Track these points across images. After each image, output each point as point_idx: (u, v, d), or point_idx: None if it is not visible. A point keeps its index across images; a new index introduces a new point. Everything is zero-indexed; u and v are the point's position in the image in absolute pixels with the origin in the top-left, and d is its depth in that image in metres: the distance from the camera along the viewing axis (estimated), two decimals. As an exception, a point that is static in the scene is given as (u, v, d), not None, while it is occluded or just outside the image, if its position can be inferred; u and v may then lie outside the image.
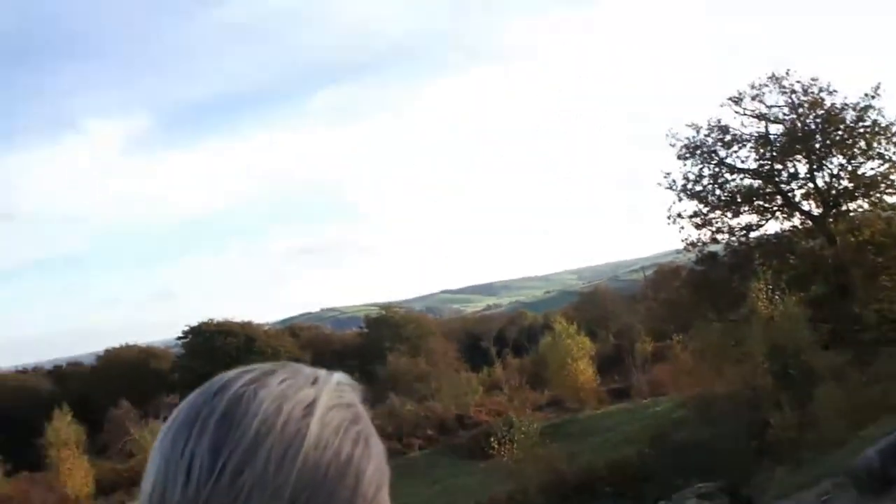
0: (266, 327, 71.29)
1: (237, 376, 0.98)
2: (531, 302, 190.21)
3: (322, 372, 1.03)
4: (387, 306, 75.88)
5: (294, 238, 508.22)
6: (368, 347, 61.10)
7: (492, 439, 25.34)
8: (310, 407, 0.95)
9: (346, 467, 0.94)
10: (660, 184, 33.16)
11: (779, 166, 32.54)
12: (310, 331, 76.51)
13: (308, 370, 1.03)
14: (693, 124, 32.86)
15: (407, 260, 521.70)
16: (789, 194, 32.58)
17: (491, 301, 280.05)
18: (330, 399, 0.98)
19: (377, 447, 1.02)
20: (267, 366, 1.02)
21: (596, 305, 58.63)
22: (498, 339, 61.58)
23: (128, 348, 67.83)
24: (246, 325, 65.60)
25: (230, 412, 0.93)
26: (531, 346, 51.59)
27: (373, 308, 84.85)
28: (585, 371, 37.99)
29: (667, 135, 33.12)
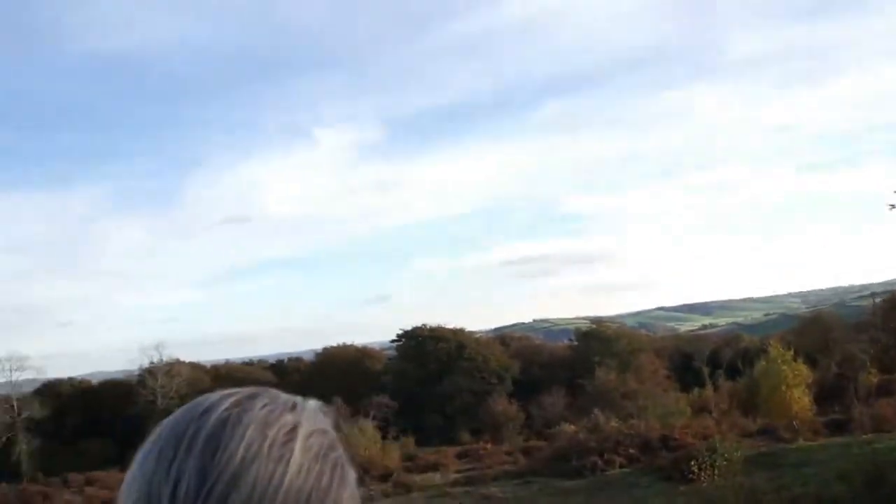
0: (477, 335, 72.50)
1: (221, 399, 1.01)
2: (749, 324, 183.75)
3: (298, 398, 1.07)
4: (599, 320, 75.44)
5: (512, 249, 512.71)
6: (577, 360, 60.87)
7: (692, 463, 24.62)
8: (292, 432, 0.99)
9: (327, 494, 0.98)
10: (893, 206, 31.03)
11: None
12: (520, 341, 77.11)
13: (285, 396, 1.07)
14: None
15: (623, 275, 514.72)
16: None
17: (707, 321, 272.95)
18: (310, 424, 1.02)
19: (351, 475, 1.05)
20: (248, 390, 1.05)
21: (818, 331, 55.38)
22: (711, 360, 59.63)
23: (344, 347, 70.99)
24: (458, 332, 66.99)
25: (216, 434, 0.96)
26: (746, 370, 49.64)
27: (585, 321, 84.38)
28: (800, 399, 36.19)
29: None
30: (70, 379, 66.65)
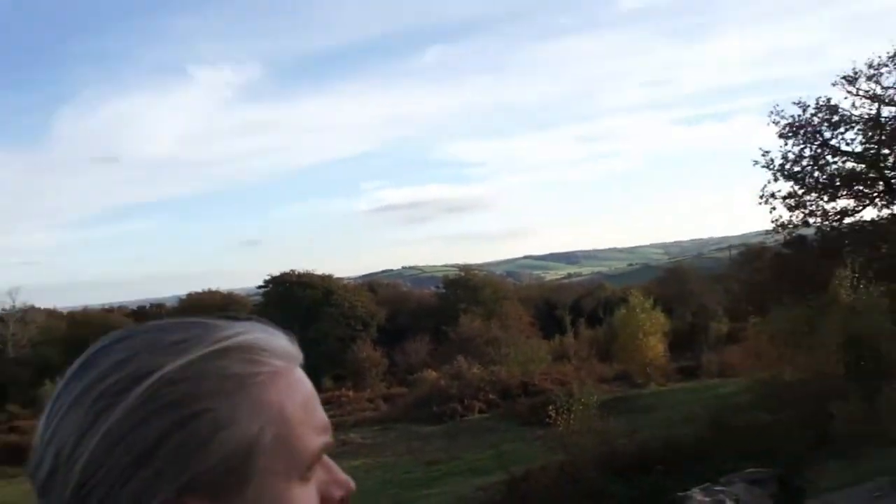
0: (346, 281, 71.94)
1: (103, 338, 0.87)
2: (613, 274, 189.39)
3: (226, 331, 0.86)
4: (467, 268, 75.71)
5: (386, 195, 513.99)
6: (443, 308, 61.07)
7: (550, 408, 24.97)
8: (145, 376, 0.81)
9: (145, 458, 0.78)
10: (756, 162, 32.02)
11: (886, 151, 31.04)
12: (388, 288, 76.94)
13: (208, 331, 0.86)
14: (800, 102, 31.53)
15: (494, 223, 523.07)
16: (892, 181, 31.08)
17: (572, 269, 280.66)
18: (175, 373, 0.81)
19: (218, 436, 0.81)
20: (159, 323, 0.88)
21: (678, 281, 57.42)
22: (574, 308, 60.96)
23: (209, 293, 69.13)
24: (326, 278, 66.24)
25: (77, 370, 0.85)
26: (606, 318, 50.93)
27: (453, 269, 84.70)
28: (655, 347, 37.31)
29: (771, 112, 31.89)
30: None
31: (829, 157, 31.72)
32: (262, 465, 0.81)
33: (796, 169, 31.68)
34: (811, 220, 31.67)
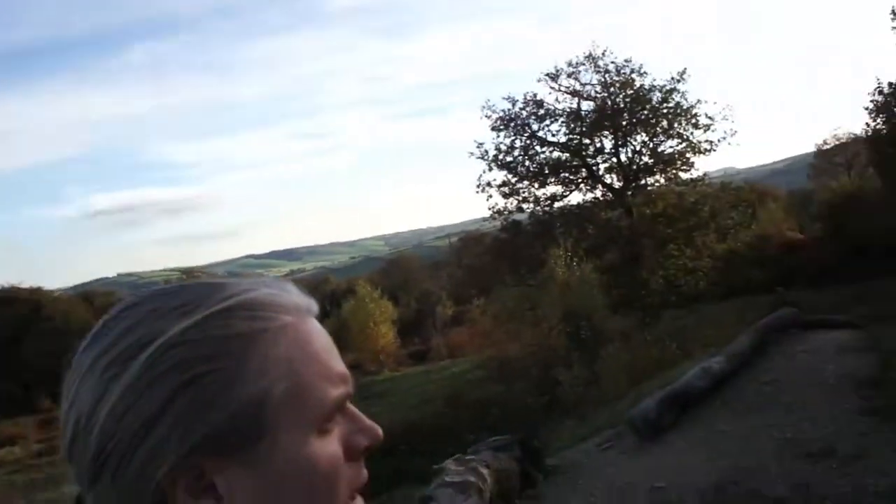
0: (57, 294, 67.79)
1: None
2: (336, 268, 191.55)
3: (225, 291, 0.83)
4: (189, 271, 73.81)
5: (95, 200, 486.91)
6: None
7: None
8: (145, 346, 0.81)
9: (151, 424, 0.79)
10: (472, 153, 33.63)
11: (587, 141, 33.73)
12: (105, 297, 73.14)
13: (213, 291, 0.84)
14: (510, 97, 33.51)
15: (213, 224, 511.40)
16: (594, 168, 33.80)
17: (295, 266, 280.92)
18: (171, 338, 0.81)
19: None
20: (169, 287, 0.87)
21: (400, 271, 59.12)
22: (301, 304, 60.95)
23: None
24: (35, 291, 62.09)
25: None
26: (334, 311, 51.51)
27: (174, 273, 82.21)
28: (386, 335, 38.30)
29: (483, 107, 33.60)
30: None
31: (537, 148, 33.98)
32: (274, 420, 0.81)
33: (509, 159, 33.64)
34: (525, 206, 33.72)
